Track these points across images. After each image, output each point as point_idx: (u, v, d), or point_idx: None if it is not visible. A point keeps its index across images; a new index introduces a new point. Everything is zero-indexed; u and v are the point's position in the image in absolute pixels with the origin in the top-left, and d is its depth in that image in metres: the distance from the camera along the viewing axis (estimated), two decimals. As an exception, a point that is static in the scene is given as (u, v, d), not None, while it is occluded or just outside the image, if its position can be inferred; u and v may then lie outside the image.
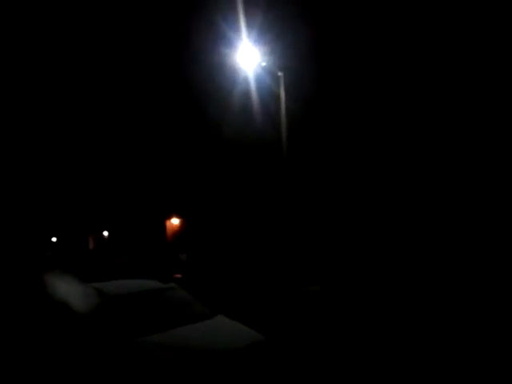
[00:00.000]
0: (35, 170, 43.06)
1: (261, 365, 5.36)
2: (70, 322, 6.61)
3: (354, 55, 17.17)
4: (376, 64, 16.52)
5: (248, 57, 13.82)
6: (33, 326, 7.64)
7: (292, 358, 7.10)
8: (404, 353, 6.99)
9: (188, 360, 5.05)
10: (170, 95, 27.16)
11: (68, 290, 7.36)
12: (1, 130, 38.77)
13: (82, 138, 36.78)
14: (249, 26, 14.92)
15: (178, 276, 18.19)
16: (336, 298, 12.49)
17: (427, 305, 10.44)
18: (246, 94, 18.94)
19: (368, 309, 10.68)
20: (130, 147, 32.01)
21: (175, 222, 29.27)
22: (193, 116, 25.38)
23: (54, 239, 43.74)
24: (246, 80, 16.51)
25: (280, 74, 14.33)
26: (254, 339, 5.56)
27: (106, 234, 37.02)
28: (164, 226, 30.23)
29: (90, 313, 6.36)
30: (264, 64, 14.05)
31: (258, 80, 15.87)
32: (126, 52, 29.50)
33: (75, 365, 6.13)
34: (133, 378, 5.26)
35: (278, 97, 14.71)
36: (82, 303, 6.71)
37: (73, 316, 6.64)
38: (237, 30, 14.82)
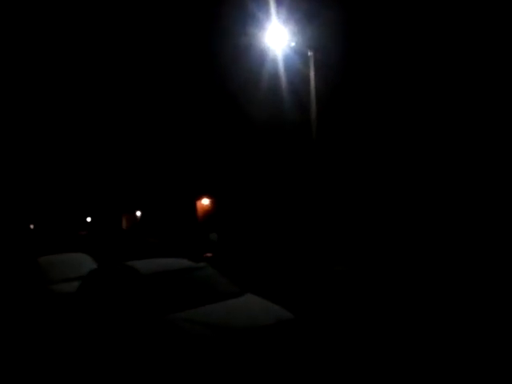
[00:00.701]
0: (70, 151, 44.11)
1: (289, 342, 5.51)
2: (106, 300, 6.91)
3: (384, 34, 16.82)
4: (407, 44, 16.16)
5: (277, 37, 13.74)
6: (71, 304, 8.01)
7: (319, 337, 7.24)
8: (430, 331, 7.03)
9: (218, 336, 5.23)
10: (199, 77, 27.26)
11: (103, 269, 7.67)
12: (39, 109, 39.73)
13: (116, 119, 37.40)
14: (278, 5, 14.79)
15: (209, 255, 18.55)
16: (361, 278, 12.53)
17: (452, 285, 10.38)
18: (275, 74, 18.85)
19: (391, 289, 10.69)
20: (163, 128, 32.39)
21: (206, 202, 29.71)
22: (222, 97, 25.46)
23: (88, 219, 44.97)
24: (275, 60, 16.43)
25: (310, 53, 14.21)
26: (283, 317, 5.70)
27: (138, 214, 37.83)
28: (195, 206, 30.71)
29: (125, 291, 6.62)
30: (293, 44, 13.95)
31: (287, 60, 15.77)
32: (154, 34, 29.68)
33: (111, 340, 6.43)
34: (164, 354, 5.46)
35: (306, 77, 14.61)
36: (117, 282, 7.00)
37: (109, 294, 6.94)
38: (266, 10, 14.72)
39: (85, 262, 10.89)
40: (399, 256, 15.12)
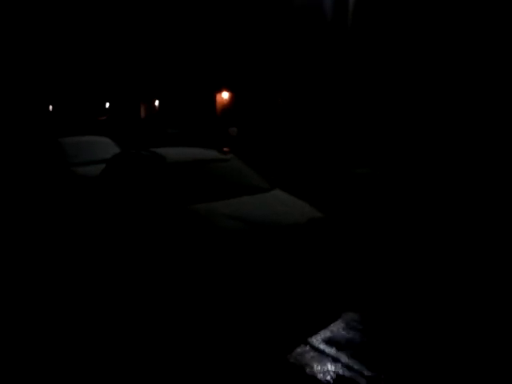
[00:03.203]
0: (90, 35, 42.51)
1: (321, 241, 5.38)
2: (129, 185, 6.79)
3: None
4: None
5: None
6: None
7: (348, 236, 7.18)
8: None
9: (249, 231, 5.08)
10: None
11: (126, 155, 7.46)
12: None
13: (138, 7, 35.38)
14: None
15: (226, 150, 18.32)
16: (382, 181, 12.28)
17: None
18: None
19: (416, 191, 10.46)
20: (183, 18, 30.60)
21: (225, 95, 28.90)
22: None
23: (107, 105, 44.46)
24: None
25: None
26: (315, 215, 5.53)
27: (157, 103, 37.17)
28: (214, 99, 30.00)
29: (150, 177, 6.45)
30: None
31: None
32: None
33: (132, 226, 6.40)
34: (186, 246, 5.36)
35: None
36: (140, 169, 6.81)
37: (133, 179, 6.80)
38: None
39: (108, 146, 10.72)
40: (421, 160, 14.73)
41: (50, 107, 51.37)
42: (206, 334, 4.44)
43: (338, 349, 4.19)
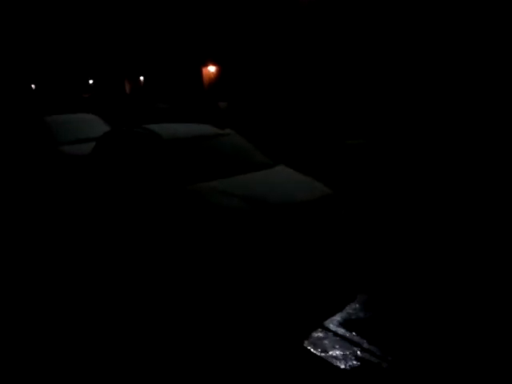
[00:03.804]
0: (74, 10, 41.07)
1: (333, 219, 5.09)
2: (123, 165, 6.43)
3: None
4: None
5: None
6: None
7: (358, 214, 6.91)
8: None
9: (255, 211, 4.77)
10: None
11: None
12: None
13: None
14: None
15: (217, 124, 17.81)
16: (374, 152, 12.02)
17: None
18: None
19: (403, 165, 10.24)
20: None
21: (212, 69, 28.24)
22: None
23: (90, 81, 43.31)
24: None
25: None
26: (324, 192, 5.22)
27: (142, 78, 36.27)
28: (200, 73, 29.34)
29: (145, 156, 6.09)
30: None
31: None
32: None
33: (128, 208, 6.07)
34: (187, 228, 5.06)
35: None
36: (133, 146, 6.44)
37: (126, 159, 6.43)
38: None
39: (96, 124, 10.25)
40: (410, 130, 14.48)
41: (33, 86, 49.97)
42: (212, 323, 4.19)
43: (357, 332, 3.97)
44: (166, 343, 3.90)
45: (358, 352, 3.71)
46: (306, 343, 3.86)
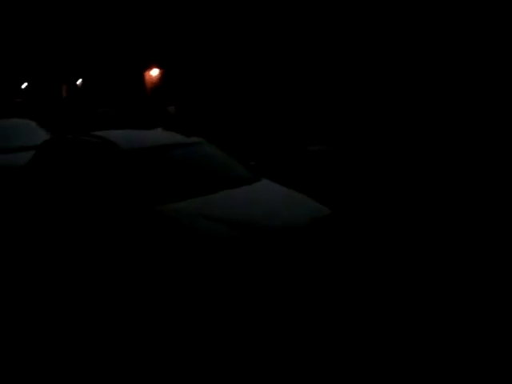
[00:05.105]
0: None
1: (332, 244, 4.21)
2: (70, 181, 5.31)
3: None
4: None
5: None
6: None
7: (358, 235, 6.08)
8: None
9: (246, 238, 3.85)
10: None
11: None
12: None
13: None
14: None
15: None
16: (338, 159, 11.55)
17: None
18: None
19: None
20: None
21: (155, 73, 27.05)
22: None
23: (23, 85, 40.50)
24: None
25: None
26: (320, 212, 4.32)
27: (79, 82, 34.28)
28: (143, 76, 28.10)
29: (98, 170, 5.02)
30: None
31: None
32: None
33: (76, 228, 4.99)
34: (155, 256, 4.09)
35: None
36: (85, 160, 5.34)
37: (73, 173, 5.32)
38: None
39: (32, 130, 8.88)
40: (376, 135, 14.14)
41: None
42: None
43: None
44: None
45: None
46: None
